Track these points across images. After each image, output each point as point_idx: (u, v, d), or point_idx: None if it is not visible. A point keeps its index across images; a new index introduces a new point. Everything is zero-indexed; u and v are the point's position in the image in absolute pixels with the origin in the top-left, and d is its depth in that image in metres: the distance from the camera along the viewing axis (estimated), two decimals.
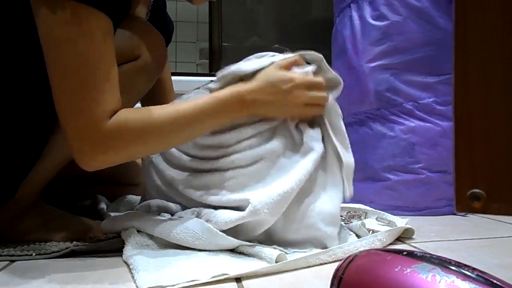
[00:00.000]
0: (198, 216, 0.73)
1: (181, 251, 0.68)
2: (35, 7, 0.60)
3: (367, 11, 1.21)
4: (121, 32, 0.76)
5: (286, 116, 0.76)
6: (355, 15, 1.25)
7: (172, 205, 0.80)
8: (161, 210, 0.81)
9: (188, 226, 0.68)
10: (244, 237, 0.69)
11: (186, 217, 0.73)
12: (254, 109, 0.73)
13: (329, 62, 1.46)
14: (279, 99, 0.73)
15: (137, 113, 0.66)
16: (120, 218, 0.77)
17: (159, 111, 0.68)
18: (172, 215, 0.78)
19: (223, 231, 0.67)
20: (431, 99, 1.12)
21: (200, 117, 0.70)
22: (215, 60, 1.80)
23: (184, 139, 0.73)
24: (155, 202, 0.82)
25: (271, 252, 0.64)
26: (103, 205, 0.98)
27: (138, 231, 0.73)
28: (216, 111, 0.71)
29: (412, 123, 1.13)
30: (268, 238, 0.72)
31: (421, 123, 1.13)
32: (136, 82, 0.81)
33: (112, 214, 0.90)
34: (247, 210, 0.67)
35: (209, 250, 0.68)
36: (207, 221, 0.69)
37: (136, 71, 0.78)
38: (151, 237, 0.72)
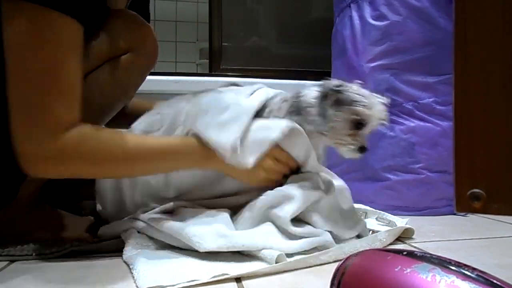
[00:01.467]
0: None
1: (181, 251, 0.68)
2: (2, 7, 0.57)
3: (367, 11, 1.21)
4: (109, 27, 0.75)
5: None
6: (355, 15, 1.25)
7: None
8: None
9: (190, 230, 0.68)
10: None
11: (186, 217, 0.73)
12: (224, 170, 0.74)
13: (329, 62, 1.47)
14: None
15: (102, 132, 0.64)
16: (117, 223, 0.77)
17: (130, 138, 0.67)
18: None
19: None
20: (431, 99, 1.12)
21: (167, 157, 0.70)
22: (215, 60, 1.80)
23: (143, 173, 0.73)
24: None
25: (271, 252, 0.64)
26: None
27: (138, 232, 0.73)
28: (184, 159, 0.71)
29: (412, 123, 1.13)
30: None
31: (421, 123, 1.13)
32: (131, 76, 0.81)
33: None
34: None
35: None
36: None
37: (128, 65, 0.78)
38: (151, 237, 0.72)
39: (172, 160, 0.71)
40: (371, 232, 0.80)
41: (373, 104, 0.71)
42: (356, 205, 1.01)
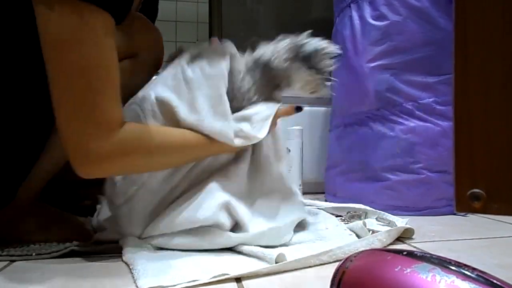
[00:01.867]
0: None
1: (181, 252, 0.68)
2: (35, 6, 0.57)
3: (367, 11, 1.21)
4: (119, 29, 0.76)
5: None
6: (355, 15, 1.25)
7: None
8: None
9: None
10: None
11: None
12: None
13: None
14: None
15: (145, 128, 0.66)
16: (113, 230, 0.77)
17: (168, 132, 0.69)
18: None
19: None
20: (431, 99, 1.12)
21: (204, 148, 0.71)
22: None
23: (185, 162, 0.73)
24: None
25: (271, 252, 0.64)
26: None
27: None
28: (214, 148, 0.72)
29: (412, 123, 1.13)
30: None
31: (421, 123, 1.13)
32: (136, 80, 0.81)
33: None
34: None
35: (209, 250, 0.69)
36: None
37: (136, 68, 0.78)
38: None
39: (207, 150, 0.72)
40: (371, 232, 0.80)
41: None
42: (356, 205, 1.01)
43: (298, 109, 0.80)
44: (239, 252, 0.68)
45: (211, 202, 0.69)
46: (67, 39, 0.56)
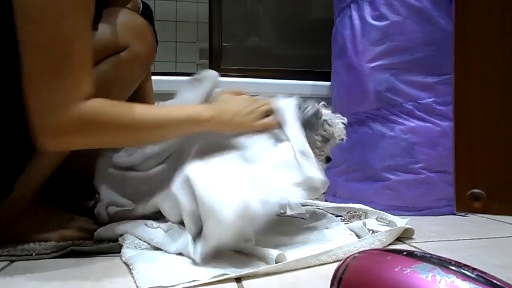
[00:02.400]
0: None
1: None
2: None
3: (367, 11, 1.21)
4: (109, 23, 0.76)
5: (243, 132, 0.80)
6: (355, 15, 1.25)
7: (122, 201, 0.82)
8: (112, 204, 0.82)
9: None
10: None
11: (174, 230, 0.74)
12: (221, 129, 0.78)
13: (329, 62, 1.47)
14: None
15: (115, 104, 0.66)
16: (113, 227, 0.77)
17: (138, 109, 0.68)
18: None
19: None
20: (431, 99, 1.12)
21: (173, 125, 0.72)
22: (215, 60, 1.80)
23: (154, 140, 0.76)
24: (107, 197, 0.83)
25: (271, 252, 0.63)
26: None
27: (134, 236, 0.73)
28: (190, 124, 0.74)
29: (412, 123, 1.13)
30: None
31: (421, 123, 1.13)
32: (129, 73, 0.81)
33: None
34: None
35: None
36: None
37: (128, 61, 0.78)
38: (146, 241, 0.72)
39: (174, 128, 0.73)
40: (371, 232, 0.80)
41: (337, 123, 0.85)
42: (356, 205, 1.01)
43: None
44: (239, 252, 0.68)
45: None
46: (43, 11, 0.56)
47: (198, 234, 0.67)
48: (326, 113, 0.85)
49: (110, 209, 0.82)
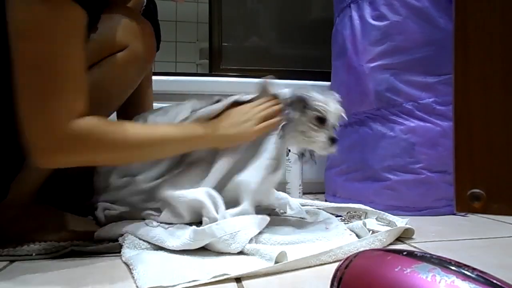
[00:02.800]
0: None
1: (180, 252, 0.68)
2: None
3: (367, 11, 1.21)
4: (109, 22, 0.75)
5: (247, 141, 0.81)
6: (355, 15, 1.25)
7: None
8: (108, 208, 0.85)
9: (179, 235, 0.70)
10: None
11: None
12: (219, 144, 0.80)
13: (329, 62, 1.47)
14: (240, 131, 0.79)
15: (108, 123, 0.67)
16: (113, 226, 0.77)
17: (132, 128, 0.69)
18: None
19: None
20: (431, 99, 1.12)
21: (167, 143, 0.74)
22: (215, 60, 1.80)
23: (148, 158, 0.78)
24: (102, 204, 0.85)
25: (271, 251, 0.64)
26: None
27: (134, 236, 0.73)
28: (185, 142, 0.76)
29: (412, 123, 1.13)
30: None
31: (421, 123, 1.13)
32: (129, 73, 0.81)
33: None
34: None
35: (209, 250, 0.69)
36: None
37: (127, 61, 0.78)
38: (146, 241, 0.72)
39: (169, 147, 0.75)
40: (371, 232, 0.80)
41: (330, 102, 0.82)
42: (356, 205, 1.01)
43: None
44: (239, 252, 0.68)
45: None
46: (35, 28, 0.56)
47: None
48: (315, 95, 0.82)
49: (107, 212, 0.83)
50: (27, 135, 0.59)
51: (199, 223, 0.75)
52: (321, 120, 0.80)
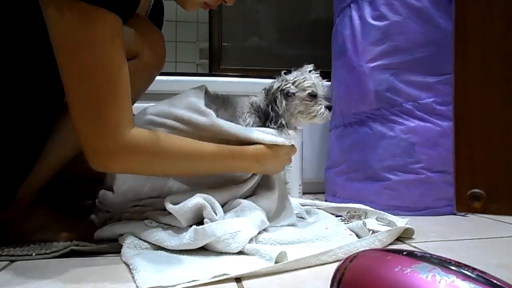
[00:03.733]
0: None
1: (180, 251, 0.68)
2: (44, 9, 0.58)
3: (367, 11, 1.21)
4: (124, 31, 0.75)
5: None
6: (355, 15, 1.25)
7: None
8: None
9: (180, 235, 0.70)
10: None
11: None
12: (262, 171, 0.85)
13: (329, 62, 1.46)
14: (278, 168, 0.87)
15: (160, 134, 0.70)
16: (113, 226, 0.77)
17: (185, 142, 0.72)
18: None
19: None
20: (431, 99, 1.12)
21: (217, 163, 0.77)
22: (215, 60, 1.80)
23: (195, 174, 0.78)
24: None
25: (271, 251, 0.64)
26: None
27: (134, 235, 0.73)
28: (233, 163, 0.79)
29: (412, 123, 1.13)
30: None
31: (421, 123, 1.13)
32: (137, 81, 0.81)
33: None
34: None
35: (209, 250, 0.69)
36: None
37: (137, 69, 0.78)
38: (146, 241, 0.72)
39: (222, 165, 0.78)
40: (371, 232, 0.80)
41: (308, 76, 0.90)
42: (356, 205, 1.01)
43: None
44: (239, 252, 0.68)
45: None
46: (77, 42, 0.58)
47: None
48: (293, 76, 0.90)
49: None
50: (84, 141, 0.62)
51: (198, 223, 0.75)
52: (313, 95, 0.89)
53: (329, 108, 0.90)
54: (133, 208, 0.80)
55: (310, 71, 0.92)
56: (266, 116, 0.89)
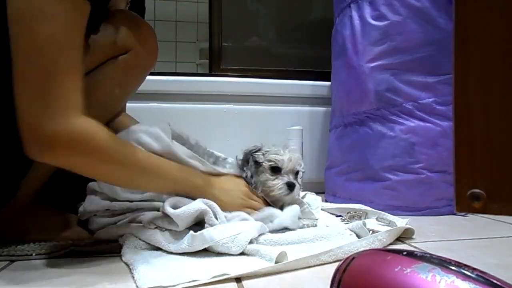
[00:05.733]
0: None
1: (180, 252, 0.68)
2: None
3: (367, 11, 1.21)
4: (112, 25, 0.75)
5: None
6: (355, 15, 1.25)
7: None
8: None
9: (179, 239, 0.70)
10: None
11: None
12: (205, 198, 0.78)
13: (329, 62, 1.47)
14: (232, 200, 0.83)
15: (111, 135, 0.62)
16: (113, 227, 0.77)
17: (134, 150, 0.68)
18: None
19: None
20: (431, 99, 1.12)
21: (162, 178, 0.73)
22: (215, 60, 1.80)
23: (135, 184, 0.73)
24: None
25: (271, 251, 0.64)
26: None
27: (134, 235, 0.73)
28: (178, 183, 0.75)
29: (412, 123, 1.13)
30: None
31: (421, 123, 1.13)
32: (130, 76, 0.81)
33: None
34: None
35: (209, 251, 0.69)
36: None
37: (129, 64, 0.78)
38: (146, 241, 0.72)
39: (170, 182, 0.75)
40: (371, 232, 0.80)
41: (284, 152, 0.90)
42: (356, 205, 1.01)
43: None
44: (240, 252, 0.68)
45: None
46: (36, 14, 0.54)
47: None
48: (267, 148, 0.91)
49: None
50: (27, 119, 0.55)
51: (195, 225, 0.75)
52: (276, 169, 0.88)
53: (289, 185, 0.86)
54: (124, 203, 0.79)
55: (290, 150, 0.92)
56: (241, 172, 0.91)
